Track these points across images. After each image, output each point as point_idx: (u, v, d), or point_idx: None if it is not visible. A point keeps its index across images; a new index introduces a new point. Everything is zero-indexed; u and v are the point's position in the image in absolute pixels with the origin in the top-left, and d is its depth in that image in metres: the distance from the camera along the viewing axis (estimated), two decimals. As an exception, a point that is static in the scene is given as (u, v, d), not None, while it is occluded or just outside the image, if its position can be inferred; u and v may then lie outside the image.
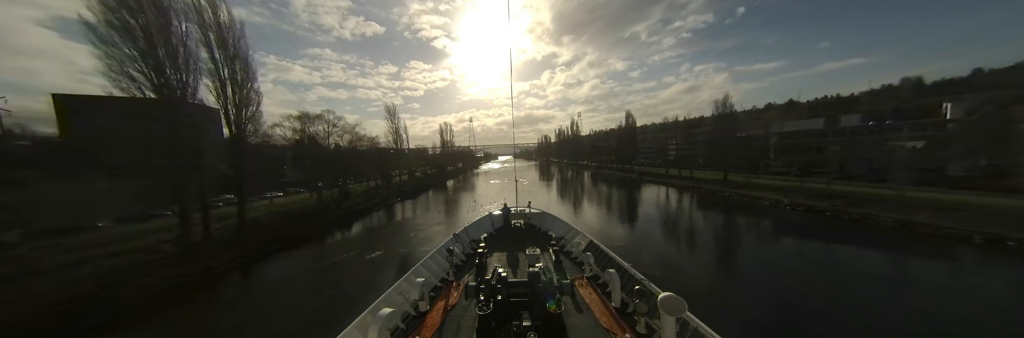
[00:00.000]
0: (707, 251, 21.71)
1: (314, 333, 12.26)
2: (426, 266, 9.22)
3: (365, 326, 5.56)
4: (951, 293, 14.34)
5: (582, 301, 7.31)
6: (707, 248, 22.48)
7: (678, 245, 23.19)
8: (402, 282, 7.70)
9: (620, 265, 8.40)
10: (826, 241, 22.67)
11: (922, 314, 12.39)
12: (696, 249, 22.39)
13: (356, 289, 16.42)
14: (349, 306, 14.00)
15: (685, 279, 16.44)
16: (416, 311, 7.16)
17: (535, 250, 8.88)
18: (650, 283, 6.75)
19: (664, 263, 18.96)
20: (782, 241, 23.53)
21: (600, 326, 6.29)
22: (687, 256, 20.81)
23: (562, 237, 12.08)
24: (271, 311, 14.54)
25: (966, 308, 12.79)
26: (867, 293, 14.35)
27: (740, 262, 19.68)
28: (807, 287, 15.31)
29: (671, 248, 22.38)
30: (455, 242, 11.53)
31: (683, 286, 13.49)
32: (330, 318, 13.38)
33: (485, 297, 5.51)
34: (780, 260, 19.26)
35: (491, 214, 15.33)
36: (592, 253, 9.38)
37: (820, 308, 13.13)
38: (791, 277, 16.58)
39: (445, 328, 6.56)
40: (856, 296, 14.09)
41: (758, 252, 21.22)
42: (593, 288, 7.89)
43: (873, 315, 12.45)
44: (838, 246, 21.63)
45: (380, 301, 6.69)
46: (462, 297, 7.44)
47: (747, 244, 23.18)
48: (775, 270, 17.59)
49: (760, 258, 19.82)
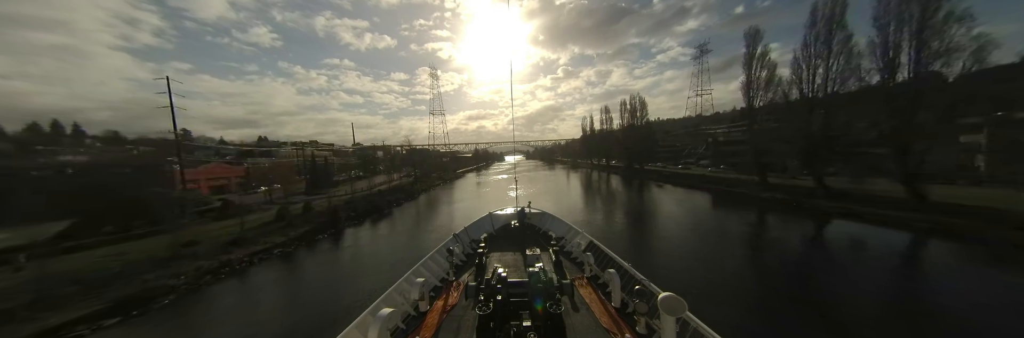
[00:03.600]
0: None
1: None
2: (426, 266, 9.22)
3: (365, 326, 5.56)
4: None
5: (582, 301, 7.31)
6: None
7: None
8: (402, 282, 7.70)
9: (620, 265, 8.39)
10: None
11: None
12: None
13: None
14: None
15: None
16: (416, 311, 7.15)
17: (535, 250, 8.88)
18: (650, 283, 6.74)
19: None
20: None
21: (600, 326, 6.29)
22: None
23: (562, 237, 12.06)
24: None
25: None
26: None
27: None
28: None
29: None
30: (455, 242, 11.52)
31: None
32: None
33: (485, 297, 5.51)
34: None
35: (491, 214, 15.33)
36: (592, 253, 9.37)
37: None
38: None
39: (445, 328, 6.55)
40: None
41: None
42: (593, 288, 7.88)
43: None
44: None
45: (380, 301, 6.69)
46: (462, 297, 7.44)
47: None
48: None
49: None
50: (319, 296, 16.68)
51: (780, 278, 16.98)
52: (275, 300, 16.83)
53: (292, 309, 15.50)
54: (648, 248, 22.80)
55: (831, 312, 12.92)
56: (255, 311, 15.33)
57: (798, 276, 16.98)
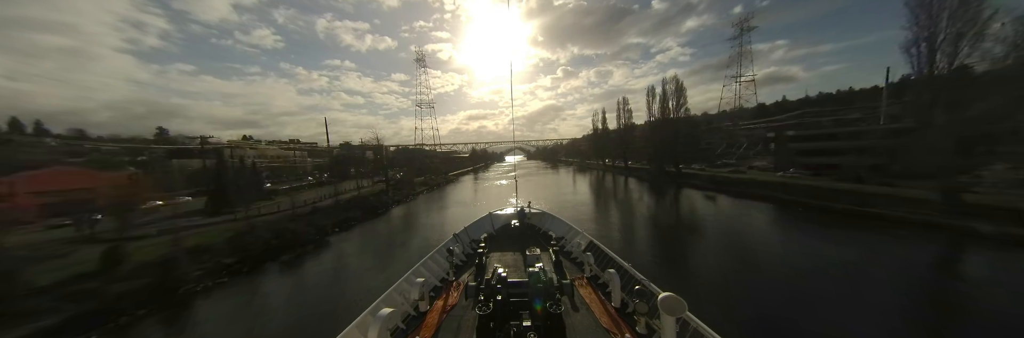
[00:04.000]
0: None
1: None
2: (426, 266, 9.22)
3: (365, 326, 5.56)
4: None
5: (582, 301, 7.30)
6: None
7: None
8: (402, 282, 7.70)
9: (620, 265, 8.39)
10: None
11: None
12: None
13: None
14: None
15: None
16: (416, 311, 7.15)
17: (535, 250, 8.88)
18: (650, 283, 6.74)
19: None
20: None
21: (600, 326, 6.29)
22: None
23: (562, 237, 12.06)
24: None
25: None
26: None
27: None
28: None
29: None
30: (455, 242, 11.52)
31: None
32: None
33: (485, 297, 5.51)
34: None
35: (491, 214, 15.31)
36: (592, 253, 9.37)
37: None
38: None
39: (445, 328, 6.55)
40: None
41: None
42: (593, 288, 7.88)
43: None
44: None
45: (380, 301, 6.69)
46: (462, 297, 7.44)
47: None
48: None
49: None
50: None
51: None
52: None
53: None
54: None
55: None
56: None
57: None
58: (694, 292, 15.18)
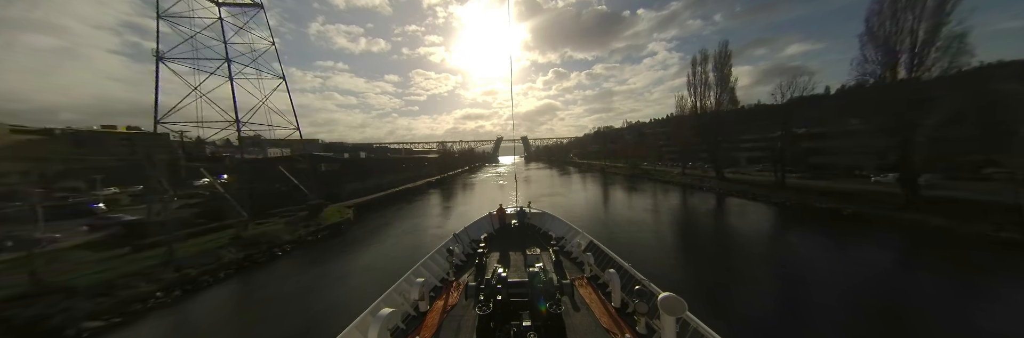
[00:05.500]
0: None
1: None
2: (426, 266, 9.21)
3: (365, 326, 5.55)
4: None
5: (582, 301, 7.31)
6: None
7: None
8: (402, 282, 7.69)
9: (620, 265, 8.39)
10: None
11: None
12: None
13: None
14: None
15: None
16: (416, 311, 7.15)
17: (535, 250, 8.88)
18: (650, 283, 6.75)
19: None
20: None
21: (600, 326, 6.29)
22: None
23: (562, 237, 12.06)
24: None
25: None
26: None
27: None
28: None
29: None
30: (455, 242, 11.51)
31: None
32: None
33: (485, 297, 5.50)
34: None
35: (491, 214, 15.31)
36: (592, 253, 9.37)
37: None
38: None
39: (445, 328, 6.55)
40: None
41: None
42: (593, 288, 7.88)
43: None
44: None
45: (380, 301, 6.69)
46: (462, 297, 7.44)
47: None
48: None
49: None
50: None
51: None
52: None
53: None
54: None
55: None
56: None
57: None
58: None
